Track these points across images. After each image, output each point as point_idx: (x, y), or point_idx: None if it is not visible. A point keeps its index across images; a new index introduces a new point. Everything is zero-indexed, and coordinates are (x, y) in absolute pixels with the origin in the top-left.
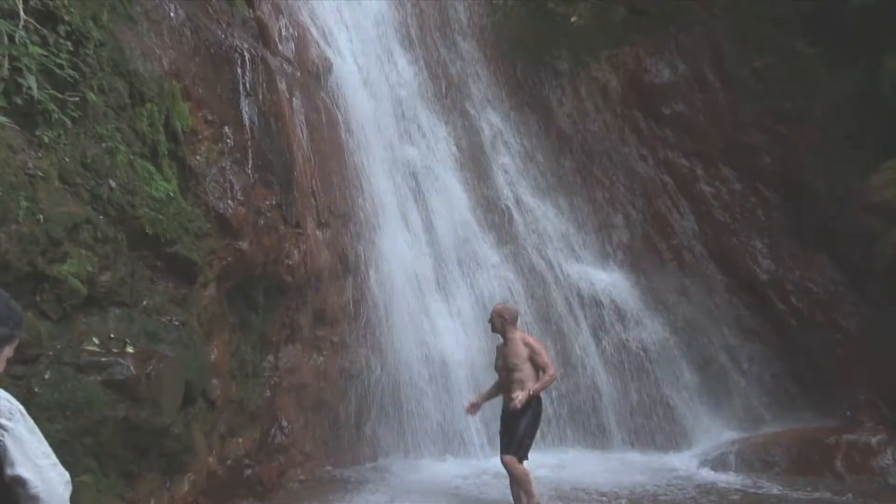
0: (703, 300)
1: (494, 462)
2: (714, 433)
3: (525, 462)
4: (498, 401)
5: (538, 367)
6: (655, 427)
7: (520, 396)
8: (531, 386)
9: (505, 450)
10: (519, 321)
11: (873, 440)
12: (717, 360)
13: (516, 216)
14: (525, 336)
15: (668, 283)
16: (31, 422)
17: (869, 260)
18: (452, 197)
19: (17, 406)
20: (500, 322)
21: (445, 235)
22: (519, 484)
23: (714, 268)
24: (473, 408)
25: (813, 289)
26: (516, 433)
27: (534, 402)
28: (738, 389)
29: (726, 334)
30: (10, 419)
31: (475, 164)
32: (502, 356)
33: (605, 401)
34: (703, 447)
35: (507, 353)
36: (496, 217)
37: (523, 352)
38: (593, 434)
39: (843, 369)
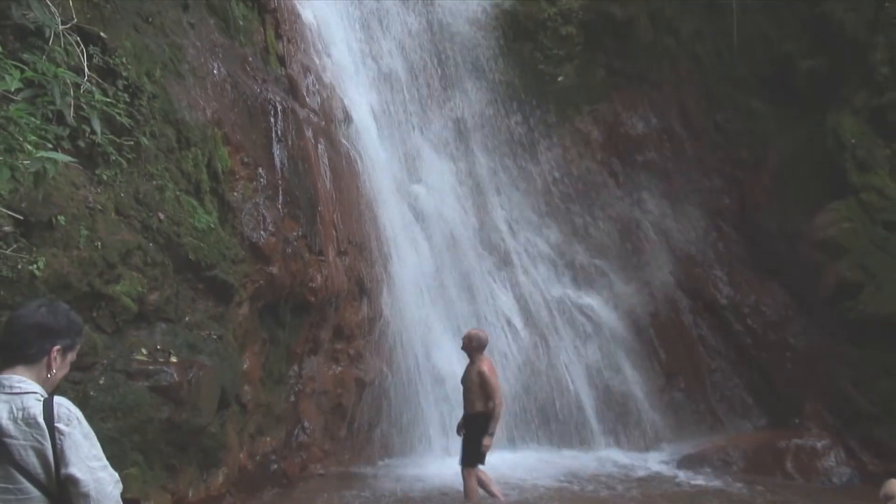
0: (672, 320)
1: (490, 462)
2: (680, 437)
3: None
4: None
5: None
6: (628, 430)
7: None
8: (479, 407)
9: (462, 460)
10: (487, 349)
11: (819, 444)
12: (683, 372)
13: (510, 246)
14: (482, 365)
15: (640, 305)
16: (87, 427)
17: (815, 288)
18: (454, 229)
19: (76, 413)
20: (468, 345)
21: (448, 262)
22: (466, 495)
23: (681, 293)
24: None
25: (766, 312)
26: (471, 446)
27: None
28: (702, 398)
29: (691, 351)
30: (68, 424)
31: (475, 201)
32: (465, 374)
33: (584, 406)
34: (670, 448)
35: (467, 373)
36: (493, 246)
37: (475, 378)
38: (574, 435)
39: (792, 382)
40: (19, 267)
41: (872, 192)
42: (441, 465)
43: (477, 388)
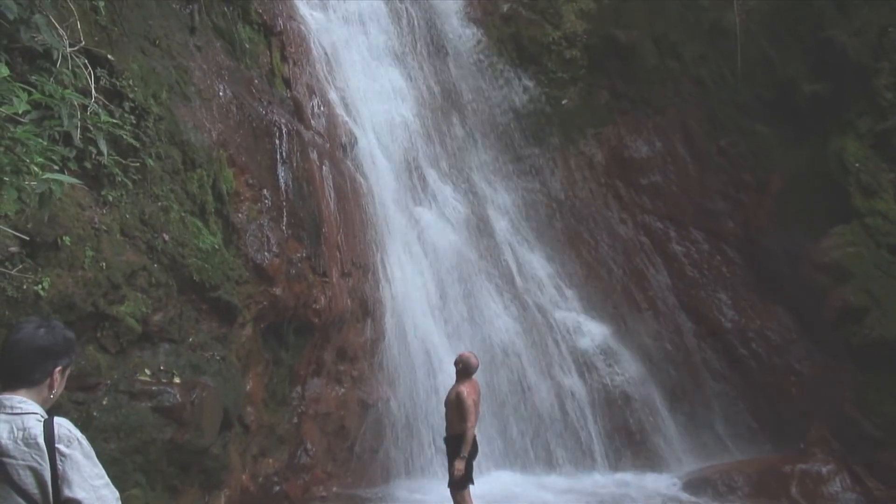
0: (676, 344)
1: (491, 485)
2: (685, 460)
3: (472, 487)
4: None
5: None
6: (634, 453)
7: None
8: (457, 429)
9: (449, 482)
10: (476, 373)
11: (824, 470)
12: (688, 396)
13: (514, 269)
14: (462, 389)
15: (644, 328)
16: (87, 446)
17: (819, 312)
18: (458, 251)
19: (76, 434)
20: (456, 366)
21: (452, 285)
22: None
23: (685, 316)
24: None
25: (770, 336)
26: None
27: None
28: (706, 423)
29: (695, 375)
30: (68, 445)
31: (479, 223)
32: (447, 394)
33: (589, 428)
34: (675, 472)
35: (448, 393)
36: (497, 270)
37: (454, 399)
38: (579, 457)
39: (797, 407)
40: (24, 287)
41: (877, 217)
42: (444, 488)
43: (454, 410)
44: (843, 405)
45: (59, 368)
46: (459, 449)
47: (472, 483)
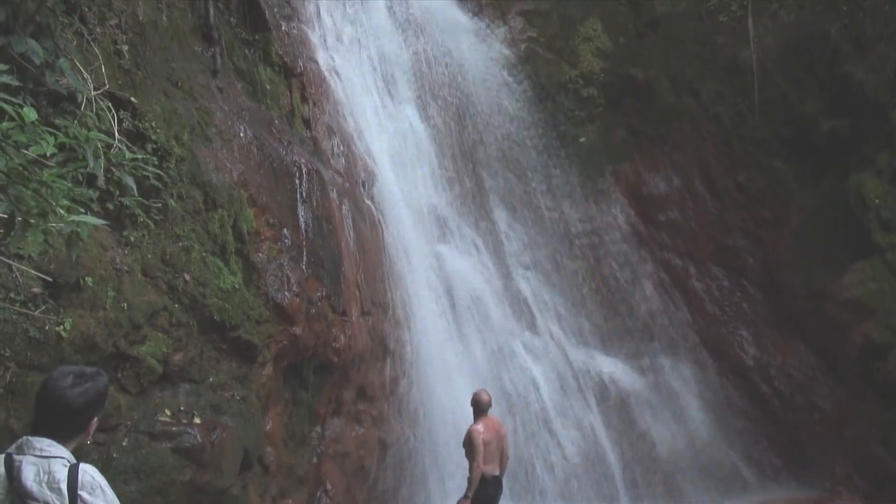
0: (697, 382)
1: None
2: (708, 499)
3: None
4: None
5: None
6: (656, 491)
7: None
8: (472, 472)
9: None
10: (492, 409)
11: None
12: (710, 434)
13: (534, 307)
14: (474, 427)
15: (665, 365)
16: (111, 494)
17: (842, 348)
18: (477, 289)
19: (100, 481)
20: (471, 404)
21: (471, 324)
22: None
23: (706, 353)
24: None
25: (793, 373)
26: None
27: (479, 487)
28: (729, 460)
29: (717, 412)
30: (91, 493)
31: (498, 262)
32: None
33: (609, 463)
34: None
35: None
36: (517, 307)
37: (465, 438)
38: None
39: (821, 445)
40: (46, 328)
41: None
42: None
43: (466, 448)
44: (868, 443)
45: (95, 420)
46: (484, 489)
47: None
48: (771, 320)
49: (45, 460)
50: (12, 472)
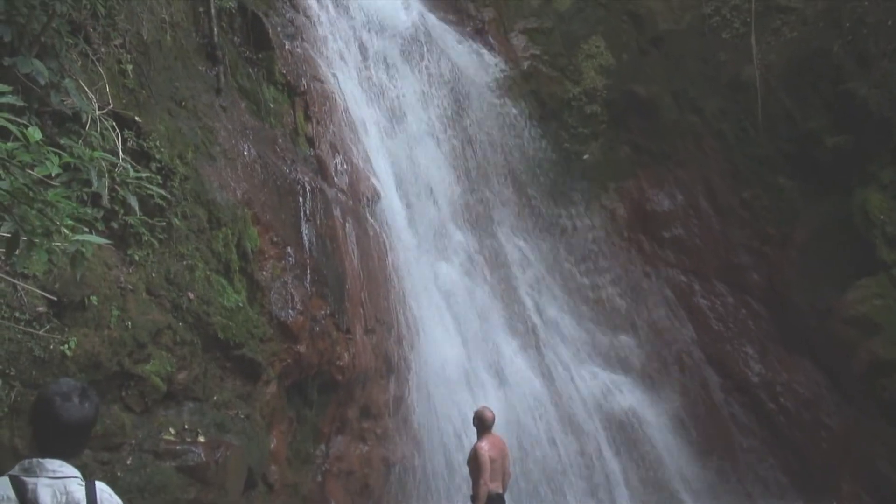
0: (703, 399)
1: None
2: None
3: None
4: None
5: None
6: None
7: None
8: (478, 490)
9: None
10: (495, 427)
11: None
12: (716, 451)
13: (538, 324)
14: (479, 445)
15: (670, 383)
16: None
17: (848, 365)
18: (481, 306)
19: (117, 500)
20: (473, 423)
21: (476, 340)
22: None
23: (711, 371)
24: None
25: (799, 390)
26: None
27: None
28: (735, 478)
29: (723, 429)
30: None
31: (502, 279)
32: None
33: (612, 482)
34: None
35: (470, 450)
36: (521, 325)
37: (470, 456)
38: None
39: (827, 462)
40: (51, 347)
41: None
42: None
43: (471, 466)
44: (874, 460)
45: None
46: None
47: None
48: (776, 337)
49: (60, 481)
50: (25, 495)
